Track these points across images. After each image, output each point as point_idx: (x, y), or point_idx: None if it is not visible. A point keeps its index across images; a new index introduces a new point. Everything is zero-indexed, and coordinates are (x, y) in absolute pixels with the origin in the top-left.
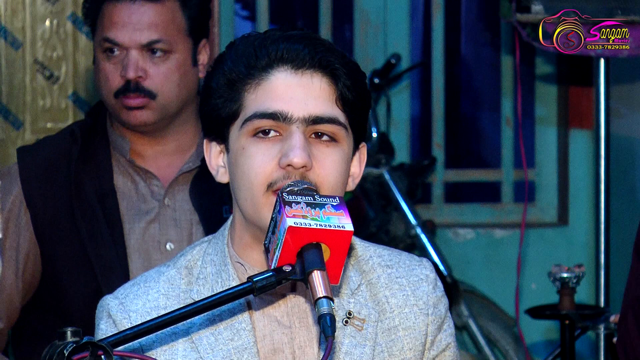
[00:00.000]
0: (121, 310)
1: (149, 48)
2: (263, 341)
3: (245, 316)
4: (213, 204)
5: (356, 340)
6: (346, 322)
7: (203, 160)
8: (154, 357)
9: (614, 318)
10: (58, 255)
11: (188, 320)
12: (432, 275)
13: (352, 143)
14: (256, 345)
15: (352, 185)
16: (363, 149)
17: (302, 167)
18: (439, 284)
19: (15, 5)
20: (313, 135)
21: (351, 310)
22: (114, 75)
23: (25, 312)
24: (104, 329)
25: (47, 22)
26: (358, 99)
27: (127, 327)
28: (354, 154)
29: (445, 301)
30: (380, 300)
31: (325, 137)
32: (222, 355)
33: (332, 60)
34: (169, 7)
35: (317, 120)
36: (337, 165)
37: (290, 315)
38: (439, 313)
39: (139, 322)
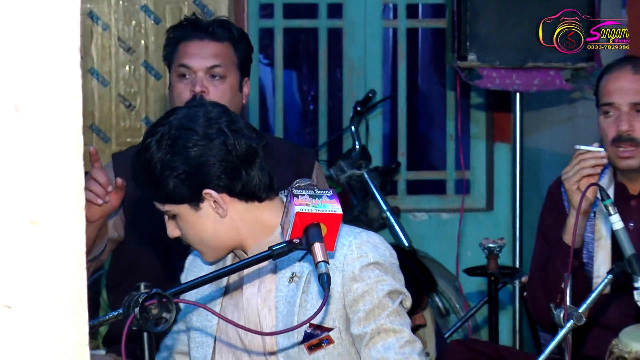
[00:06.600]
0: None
1: (211, 72)
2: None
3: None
4: None
5: (289, 287)
6: (290, 280)
7: None
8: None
9: (524, 279)
10: (138, 234)
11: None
12: (356, 241)
13: None
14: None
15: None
16: None
17: None
18: (365, 249)
19: (104, 55)
20: None
21: (294, 271)
22: (185, 91)
23: (116, 267)
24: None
25: (127, 67)
26: None
27: (187, 266)
28: None
29: (363, 262)
30: None
31: None
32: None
33: None
34: (226, 46)
35: None
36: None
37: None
38: (350, 269)
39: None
